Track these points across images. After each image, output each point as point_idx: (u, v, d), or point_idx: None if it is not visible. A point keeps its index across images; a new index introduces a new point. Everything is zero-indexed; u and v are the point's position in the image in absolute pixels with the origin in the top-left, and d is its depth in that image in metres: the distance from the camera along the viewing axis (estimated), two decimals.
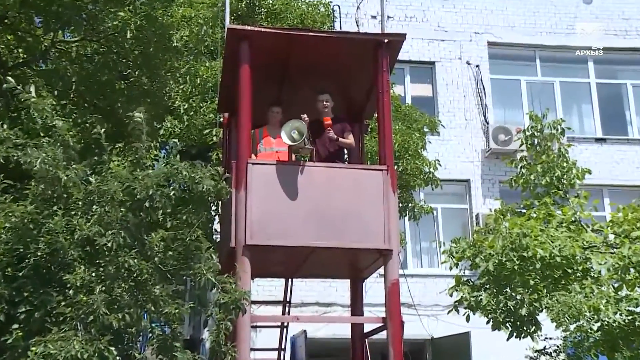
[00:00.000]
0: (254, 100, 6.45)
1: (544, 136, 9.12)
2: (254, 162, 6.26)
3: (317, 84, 7.24)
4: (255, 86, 6.50)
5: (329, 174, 6.39)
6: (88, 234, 5.14)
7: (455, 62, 14.97)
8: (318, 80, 7.20)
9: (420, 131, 11.45)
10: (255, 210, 6.10)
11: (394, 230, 6.32)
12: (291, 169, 6.34)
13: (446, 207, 14.09)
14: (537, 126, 9.20)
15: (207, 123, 9.90)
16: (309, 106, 7.43)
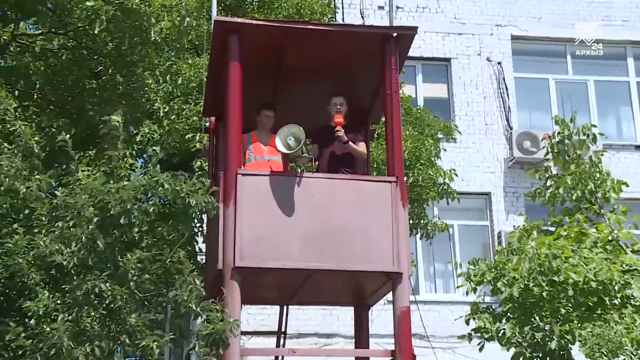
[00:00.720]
0: (244, 103, 6.48)
1: (572, 143, 9.15)
2: (244, 173, 6.28)
3: (317, 84, 7.26)
4: (245, 86, 6.53)
5: (329, 187, 6.41)
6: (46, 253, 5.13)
7: (473, 59, 15.03)
8: (317, 79, 7.22)
9: (433, 137, 11.49)
10: (245, 227, 6.11)
11: (404, 250, 6.34)
12: (287, 180, 6.36)
13: (463, 224, 14.11)
14: (565, 132, 9.22)
15: (190, 128, 9.93)
16: (307, 109, 7.46)
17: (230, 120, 6.42)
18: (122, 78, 9.30)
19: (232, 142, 6.36)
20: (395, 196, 6.44)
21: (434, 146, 11.15)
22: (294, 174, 6.46)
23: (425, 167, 10.92)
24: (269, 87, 7.39)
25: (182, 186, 5.72)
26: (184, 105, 10.11)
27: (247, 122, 6.82)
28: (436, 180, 11.04)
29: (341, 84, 7.28)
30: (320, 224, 6.26)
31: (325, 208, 6.31)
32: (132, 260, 5.34)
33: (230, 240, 6.06)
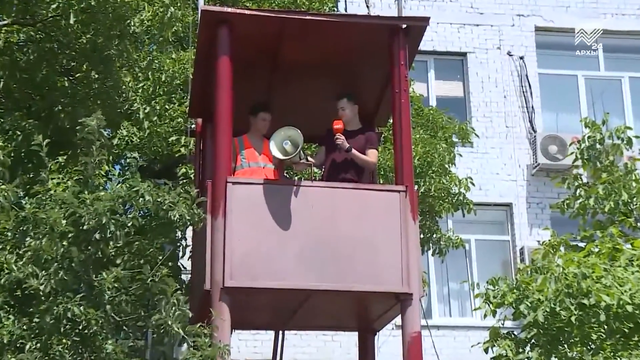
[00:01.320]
0: (235, 103, 6.51)
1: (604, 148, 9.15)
2: (235, 181, 6.30)
3: (316, 82, 7.28)
4: (236, 84, 6.55)
5: (331, 197, 6.44)
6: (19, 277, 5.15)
7: (493, 53, 15.08)
8: (317, 77, 7.25)
9: (447, 141, 11.52)
10: (236, 242, 6.13)
11: (415, 268, 6.35)
12: (283, 189, 6.38)
13: (481, 239, 14.12)
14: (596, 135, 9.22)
15: (174, 131, 9.96)
16: (306, 110, 7.48)
17: (219, 123, 6.45)
18: (97, 75, 9.33)
19: (221, 147, 6.38)
20: (405, 208, 6.46)
21: (448, 151, 11.18)
22: (291, 183, 6.49)
23: (438, 174, 10.95)
24: (263, 85, 7.42)
25: (165, 196, 5.74)
26: (167, 105, 10.14)
27: (239, 124, 6.86)
28: (450, 189, 11.07)
29: (344, 81, 7.32)
30: (320, 238, 6.27)
31: (325, 221, 6.32)
32: (108, 279, 5.36)
33: (219, 257, 6.08)
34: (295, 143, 6.47)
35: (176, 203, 5.80)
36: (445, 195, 11.01)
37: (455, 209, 11.17)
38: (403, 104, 6.72)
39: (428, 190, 10.81)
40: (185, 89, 9.86)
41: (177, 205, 5.78)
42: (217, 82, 6.50)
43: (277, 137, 6.50)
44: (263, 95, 7.43)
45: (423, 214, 10.85)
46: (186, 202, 5.90)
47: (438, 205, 10.96)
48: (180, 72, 10.19)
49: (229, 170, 6.40)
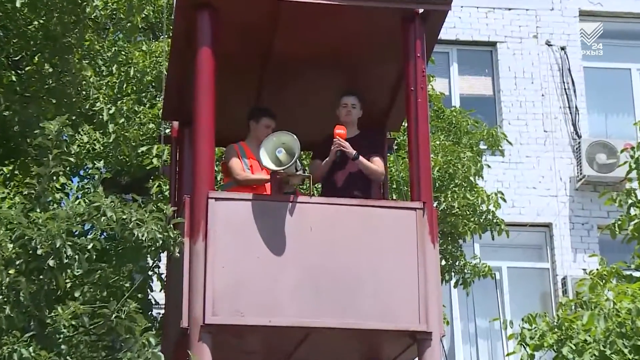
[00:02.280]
0: (218, 103, 6.54)
1: None
2: (218, 197, 6.33)
3: (317, 78, 7.34)
4: (220, 82, 6.60)
5: (333, 216, 6.46)
6: None
7: (528, 43, 15.14)
8: (317, 72, 7.30)
9: (474, 149, 11.57)
10: (220, 270, 6.15)
11: (434, 302, 6.37)
12: (276, 207, 6.40)
13: (515, 267, 14.14)
14: None
15: (145, 137, 9.99)
16: (303, 113, 7.54)
17: (199, 127, 6.48)
18: (51, 68, 9.36)
19: (201, 156, 6.41)
20: (422, 228, 6.49)
21: (474, 161, 11.22)
22: (286, 199, 6.50)
23: (462, 189, 10.98)
24: (252, 82, 7.47)
25: (133, 215, 5.76)
26: (136, 106, 10.18)
27: (222, 128, 6.90)
28: (477, 207, 11.10)
29: (348, 78, 7.35)
30: (320, 266, 6.30)
31: (327, 245, 6.35)
32: (64, 315, 5.37)
33: (199, 288, 6.09)
34: (290, 151, 6.48)
35: (146, 222, 5.81)
36: (470, 213, 11.04)
37: (483, 231, 11.19)
38: (420, 104, 6.76)
39: (450, 208, 10.84)
40: (159, 86, 9.90)
41: (148, 224, 5.80)
42: (196, 78, 6.54)
43: (269, 143, 6.51)
44: (253, 93, 7.49)
45: (444, 236, 10.87)
46: (159, 222, 5.92)
47: (462, 225, 10.98)
48: (152, 66, 10.23)
49: (211, 184, 6.42)
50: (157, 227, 5.88)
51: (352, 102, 7.17)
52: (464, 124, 11.81)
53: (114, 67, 10.31)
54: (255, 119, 7.19)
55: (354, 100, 7.18)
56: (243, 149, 7.10)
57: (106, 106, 10.00)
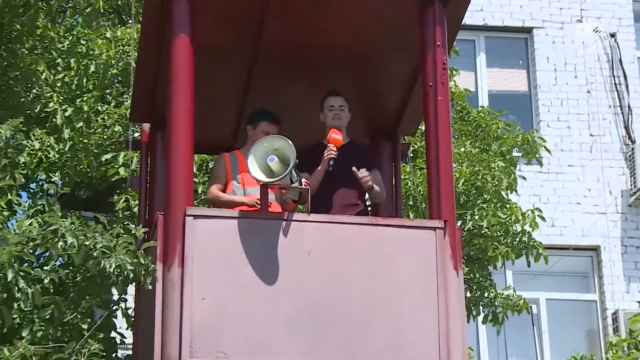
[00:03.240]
0: (199, 102, 6.58)
1: None
2: (197, 214, 6.35)
3: (315, 73, 7.41)
4: (200, 77, 6.63)
5: (337, 236, 6.48)
6: None
7: (570, 29, 15.16)
8: (316, 66, 7.36)
9: (506, 157, 11.60)
10: (199, 303, 6.16)
11: (457, 341, 6.38)
12: (267, 227, 6.42)
13: (555, 299, 14.13)
14: None
15: (109, 143, 10.01)
16: (300, 113, 7.58)
17: (175, 130, 6.49)
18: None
19: (177, 164, 6.42)
20: (443, 252, 6.51)
21: (506, 172, 11.26)
22: (278, 217, 6.53)
23: (492, 205, 11.02)
24: (239, 78, 7.52)
25: (99, 240, 5.78)
26: (98, 105, 10.19)
27: (203, 133, 6.94)
28: (510, 227, 11.12)
29: (354, 73, 7.40)
30: (321, 296, 6.31)
31: (329, 271, 6.37)
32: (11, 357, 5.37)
33: (174, 324, 6.10)
34: (284, 159, 6.50)
35: (113, 248, 5.84)
36: (502, 235, 11.06)
37: (517, 256, 11.20)
38: (440, 103, 6.79)
39: (477, 228, 10.87)
40: (126, 81, 9.93)
41: (115, 251, 5.82)
42: (171, 72, 6.57)
43: (259, 150, 6.51)
44: (239, 90, 7.55)
45: (470, 261, 10.90)
46: (128, 247, 5.94)
47: (492, 249, 11.01)
48: (118, 57, 10.26)
49: (189, 198, 6.44)
50: (127, 255, 5.90)
51: (340, 103, 7.18)
52: (494, 128, 11.85)
53: (72, 60, 10.31)
54: (253, 123, 7.23)
55: (341, 101, 7.20)
56: (236, 159, 7.14)
57: (61, 107, 9.97)
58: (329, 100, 7.21)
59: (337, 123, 7.15)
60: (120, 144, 9.90)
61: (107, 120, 10.09)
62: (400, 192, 8.15)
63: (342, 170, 7.08)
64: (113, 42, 10.40)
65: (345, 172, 7.08)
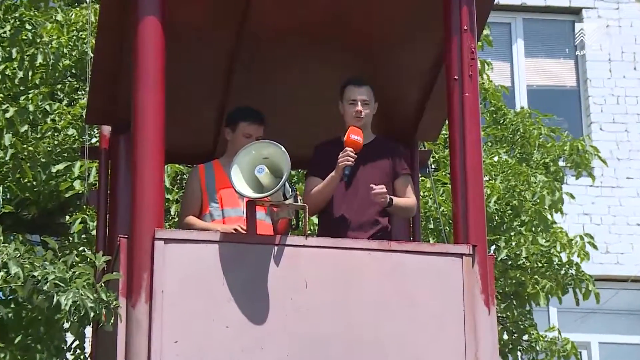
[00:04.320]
0: (171, 99, 6.60)
1: None
2: (168, 238, 6.35)
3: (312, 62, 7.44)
4: (173, 68, 6.65)
5: (341, 264, 6.50)
6: None
7: (629, 10, 15.16)
8: (313, 54, 7.40)
9: (550, 169, 11.62)
10: (170, 347, 6.17)
11: None
12: (255, 253, 6.43)
13: (610, 342, 14.13)
14: None
15: (61, 150, 10.01)
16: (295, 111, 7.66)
17: (141, 134, 6.50)
18: None
19: (145, 176, 6.44)
20: (471, 284, 6.54)
21: (549, 187, 11.28)
22: (268, 240, 6.54)
23: (531, 228, 11.03)
24: (221, 65, 7.56)
25: (47, 268, 5.79)
26: (47, 104, 10.18)
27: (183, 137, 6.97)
28: (554, 256, 11.14)
29: (360, 63, 7.43)
30: (320, 338, 6.33)
31: (330, 307, 6.39)
32: None
33: None
34: (275, 170, 6.51)
35: (69, 281, 5.85)
36: (544, 265, 11.07)
37: (564, 291, 11.21)
38: (467, 101, 6.80)
39: (514, 257, 10.87)
40: (82, 75, 9.95)
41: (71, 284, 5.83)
42: (137, 62, 6.59)
43: (244, 159, 6.50)
44: (219, 83, 7.59)
45: (505, 297, 10.90)
46: (88, 281, 5.96)
47: (532, 283, 11.01)
48: (72, 46, 10.27)
49: (159, 218, 6.44)
50: (87, 289, 5.92)
51: (364, 96, 7.15)
52: (535, 133, 11.85)
53: (13, 50, 10.30)
54: (231, 125, 7.27)
55: (366, 93, 7.17)
56: (213, 172, 7.19)
57: (1, 107, 9.98)
58: (351, 91, 7.17)
59: (358, 123, 7.13)
60: (75, 152, 9.89)
61: (58, 123, 10.08)
62: (419, 212, 8.16)
63: (361, 178, 7.12)
64: (65, 26, 10.40)
65: (365, 179, 7.11)
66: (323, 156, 7.18)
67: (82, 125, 9.78)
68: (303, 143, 7.22)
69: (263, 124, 7.23)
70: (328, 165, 7.08)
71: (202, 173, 7.19)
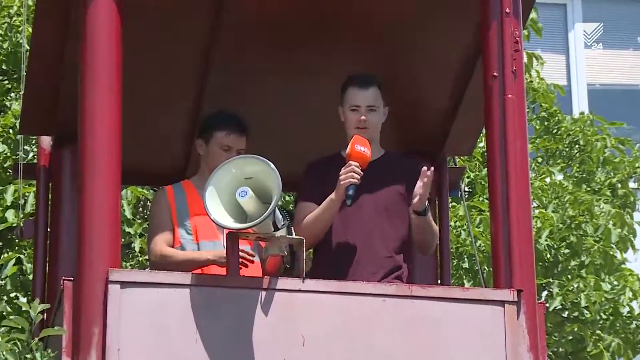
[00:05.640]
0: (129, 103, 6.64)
1: None
2: (127, 281, 6.37)
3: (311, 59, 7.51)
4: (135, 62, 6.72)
5: (346, 314, 6.52)
6: None
7: None
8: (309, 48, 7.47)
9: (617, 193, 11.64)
10: None
11: None
12: (238, 299, 6.46)
13: None
14: None
15: None
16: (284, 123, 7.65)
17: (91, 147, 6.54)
18: None
19: (96, 202, 6.47)
20: (516, 339, 6.56)
21: (617, 218, 11.30)
22: (255, 284, 6.56)
23: (593, 271, 11.04)
24: (193, 63, 7.63)
25: None
26: None
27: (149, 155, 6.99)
28: (622, 306, 11.14)
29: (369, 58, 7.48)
30: None
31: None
32: None
33: None
34: (263, 193, 6.53)
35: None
36: (610, 317, 11.09)
37: (635, 350, 11.23)
38: (510, 104, 6.83)
39: (571, 306, 10.90)
40: (14, 73, 10.00)
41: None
42: (85, 56, 6.60)
43: (223, 178, 6.50)
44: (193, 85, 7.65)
45: (559, 358, 10.91)
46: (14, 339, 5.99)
47: (593, 340, 11.04)
48: (3, 36, 10.32)
49: (114, 256, 6.46)
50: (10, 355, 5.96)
51: (369, 101, 7.13)
52: (599, 146, 11.89)
53: None
54: (205, 135, 7.32)
55: (372, 97, 7.15)
56: (184, 195, 7.25)
57: None
58: (353, 94, 7.16)
59: (364, 134, 7.10)
60: (7, 172, 9.93)
61: None
62: (448, 247, 8.18)
63: (369, 201, 7.12)
64: None
65: (375, 203, 7.12)
66: (318, 175, 7.19)
67: (14, 138, 9.80)
68: (297, 159, 7.22)
69: (245, 134, 7.27)
70: (325, 187, 7.09)
71: (170, 197, 7.23)
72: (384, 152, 7.30)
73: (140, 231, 9.89)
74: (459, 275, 10.01)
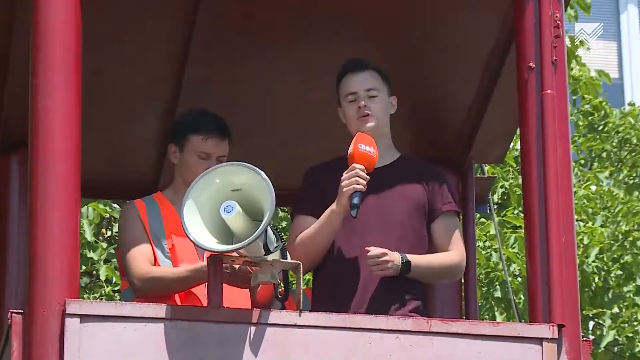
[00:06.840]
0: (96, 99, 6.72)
1: None
2: (88, 314, 6.38)
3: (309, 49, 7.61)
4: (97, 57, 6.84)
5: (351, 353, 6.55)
6: None
7: None
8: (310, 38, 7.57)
9: None
10: None
11: None
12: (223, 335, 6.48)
13: None
14: None
15: None
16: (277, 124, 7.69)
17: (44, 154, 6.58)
18: None
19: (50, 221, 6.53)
20: None
21: None
22: (243, 317, 6.59)
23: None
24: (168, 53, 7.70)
25: None
26: None
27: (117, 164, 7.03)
28: None
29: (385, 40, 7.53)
30: None
31: None
32: None
33: None
34: (253, 209, 6.57)
35: None
36: None
37: None
38: (548, 100, 6.88)
39: (627, 341, 10.94)
40: None
41: None
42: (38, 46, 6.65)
43: (204, 190, 6.53)
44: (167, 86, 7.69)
45: None
46: None
47: None
48: None
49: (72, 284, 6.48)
50: None
51: (366, 84, 7.11)
52: None
53: None
54: (179, 140, 7.34)
55: (370, 79, 7.15)
56: (158, 211, 7.27)
57: None
58: (346, 81, 7.17)
59: (366, 126, 7.09)
60: None
61: None
62: (475, 272, 8.20)
63: (379, 212, 7.11)
64: None
65: (387, 214, 7.09)
66: (317, 184, 7.18)
67: None
68: (294, 167, 7.26)
69: (227, 138, 7.27)
70: (326, 197, 7.09)
71: (142, 212, 7.21)
72: (399, 155, 7.30)
73: (105, 256, 9.91)
74: (489, 307, 10.03)
